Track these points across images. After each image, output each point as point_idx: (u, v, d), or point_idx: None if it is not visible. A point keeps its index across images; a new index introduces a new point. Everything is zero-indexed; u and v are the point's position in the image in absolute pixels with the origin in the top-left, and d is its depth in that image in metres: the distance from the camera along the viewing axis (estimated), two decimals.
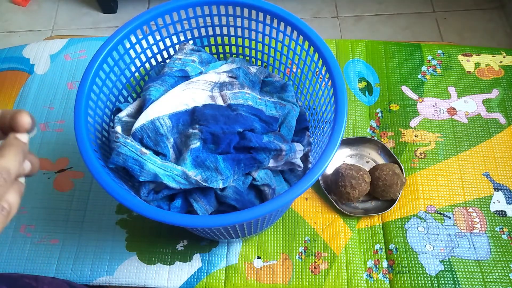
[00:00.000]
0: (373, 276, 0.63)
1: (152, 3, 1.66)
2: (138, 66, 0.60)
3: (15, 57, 0.85)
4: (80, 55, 0.84)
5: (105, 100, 0.54)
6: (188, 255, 0.65)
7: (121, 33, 0.52)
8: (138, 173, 0.47)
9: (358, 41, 0.84)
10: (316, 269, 0.64)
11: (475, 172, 0.71)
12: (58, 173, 0.72)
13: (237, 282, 0.63)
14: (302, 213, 0.68)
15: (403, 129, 0.75)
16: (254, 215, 0.41)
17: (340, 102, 0.47)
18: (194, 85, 0.55)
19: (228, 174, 0.49)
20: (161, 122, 0.50)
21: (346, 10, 1.62)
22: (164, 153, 0.51)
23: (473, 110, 0.77)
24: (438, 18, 1.58)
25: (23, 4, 1.68)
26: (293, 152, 0.52)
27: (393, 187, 0.65)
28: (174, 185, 0.48)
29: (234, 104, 0.53)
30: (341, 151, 0.73)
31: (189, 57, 0.59)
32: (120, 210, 0.69)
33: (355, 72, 0.81)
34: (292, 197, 0.42)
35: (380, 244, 0.66)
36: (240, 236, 0.61)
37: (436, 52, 0.83)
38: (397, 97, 0.78)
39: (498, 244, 0.65)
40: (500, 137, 0.74)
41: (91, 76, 0.50)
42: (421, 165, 0.72)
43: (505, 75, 0.80)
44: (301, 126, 0.60)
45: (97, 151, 0.48)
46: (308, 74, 0.58)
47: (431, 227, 0.67)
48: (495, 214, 0.68)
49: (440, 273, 0.63)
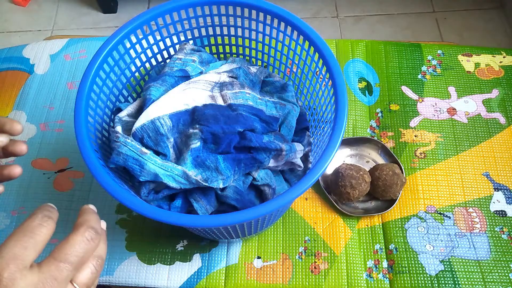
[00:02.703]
0: (373, 276, 0.63)
1: (152, 3, 1.66)
2: (138, 66, 0.60)
3: (15, 57, 0.85)
4: (80, 55, 0.84)
5: (105, 100, 0.54)
6: (188, 255, 0.65)
7: (121, 33, 0.52)
8: (138, 173, 0.47)
9: (358, 41, 0.84)
10: (316, 269, 0.64)
11: (475, 172, 0.71)
12: (58, 173, 0.72)
13: (237, 282, 0.63)
14: (302, 213, 0.68)
15: (403, 129, 0.75)
16: (254, 215, 0.41)
17: (341, 102, 0.47)
18: (194, 85, 0.55)
19: (229, 174, 0.49)
20: (162, 122, 0.50)
21: (346, 10, 1.62)
22: (164, 153, 0.51)
23: (473, 110, 0.77)
24: (438, 18, 1.58)
25: (23, 4, 1.68)
26: (293, 152, 0.52)
27: (393, 187, 0.65)
28: (175, 185, 0.48)
29: (235, 104, 0.53)
30: (341, 151, 0.73)
31: (189, 57, 0.59)
32: (120, 210, 0.69)
33: (355, 72, 0.81)
34: (292, 197, 0.42)
35: (380, 244, 0.66)
36: (240, 236, 0.61)
37: (436, 52, 0.83)
38: (397, 97, 0.78)
39: (498, 244, 0.65)
40: (500, 137, 0.74)
41: (91, 76, 0.50)
42: (421, 165, 0.72)
43: (505, 75, 0.80)
44: (301, 126, 0.60)
45: (97, 151, 0.48)
46: (308, 74, 0.58)
47: (431, 227, 0.67)
48: (495, 214, 0.68)
49: (440, 273, 0.63)
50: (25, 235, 0.26)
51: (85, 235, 0.28)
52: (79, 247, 0.28)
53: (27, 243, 0.26)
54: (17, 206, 0.70)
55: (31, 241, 0.26)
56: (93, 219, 0.30)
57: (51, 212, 0.29)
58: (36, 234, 0.26)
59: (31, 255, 0.26)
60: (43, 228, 0.27)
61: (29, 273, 0.25)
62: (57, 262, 0.26)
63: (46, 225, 0.27)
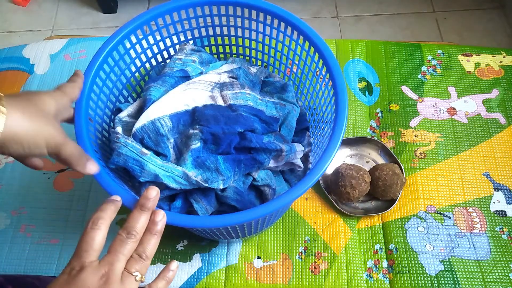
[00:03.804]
0: (373, 276, 0.63)
1: (152, 3, 1.66)
2: (138, 66, 0.60)
3: (15, 57, 0.85)
4: (80, 55, 0.84)
5: (105, 100, 0.54)
6: (188, 255, 0.65)
7: (121, 33, 0.52)
8: (138, 174, 0.47)
9: (358, 41, 0.84)
10: (316, 269, 0.64)
11: (475, 172, 0.71)
12: (58, 173, 0.72)
13: (237, 282, 0.63)
14: (302, 213, 0.68)
15: (403, 129, 0.75)
16: (254, 215, 0.41)
17: (341, 102, 0.47)
18: (194, 85, 0.55)
19: (229, 175, 0.49)
20: (162, 122, 0.50)
21: (346, 10, 1.62)
22: (164, 154, 0.51)
23: (473, 110, 0.77)
24: (438, 18, 1.58)
25: (23, 4, 1.68)
26: (293, 153, 0.52)
27: (393, 187, 0.65)
28: (175, 186, 0.48)
29: (235, 104, 0.53)
30: (341, 151, 0.73)
31: (189, 57, 0.59)
32: (120, 210, 0.69)
33: (355, 72, 0.81)
34: (292, 198, 0.42)
35: (380, 244, 0.66)
36: (240, 236, 0.61)
37: (436, 52, 0.83)
38: (397, 97, 0.78)
39: (498, 244, 0.65)
40: (500, 137, 0.74)
41: (91, 76, 0.50)
42: (421, 165, 0.72)
43: (505, 75, 0.81)
44: (302, 127, 0.60)
45: (98, 151, 0.48)
46: (309, 74, 0.58)
47: (431, 227, 0.67)
48: (495, 214, 0.68)
49: (440, 273, 0.63)
50: (83, 242, 0.35)
51: (123, 234, 0.37)
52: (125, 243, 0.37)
53: (87, 248, 0.35)
54: (17, 206, 0.70)
55: (88, 245, 0.35)
56: (132, 218, 0.39)
57: (104, 211, 0.37)
58: (90, 238, 0.35)
59: (92, 255, 0.35)
60: (96, 231, 0.35)
61: (93, 263, 0.34)
62: (111, 254, 0.36)
63: (97, 228, 0.36)
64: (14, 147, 0.34)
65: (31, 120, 0.35)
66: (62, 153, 0.38)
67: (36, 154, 0.36)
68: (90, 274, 0.33)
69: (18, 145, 0.34)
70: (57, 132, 0.37)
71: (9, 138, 0.33)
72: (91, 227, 0.35)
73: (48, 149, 0.36)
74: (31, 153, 0.36)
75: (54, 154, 0.38)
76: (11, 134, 0.33)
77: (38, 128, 0.35)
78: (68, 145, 0.38)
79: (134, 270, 0.36)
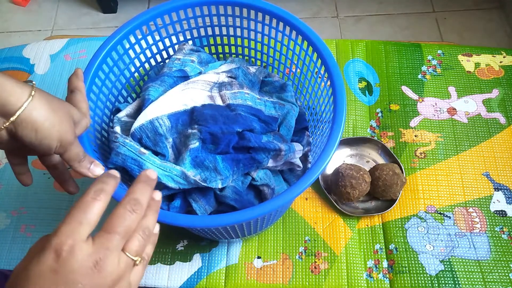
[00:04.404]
0: (373, 276, 0.63)
1: (152, 3, 1.66)
2: (137, 66, 0.60)
3: (15, 57, 0.85)
4: (80, 55, 0.84)
5: (104, 100, 0.54)
6: (188, 255, 0.65)
7: (120, 33, 0.52)
8: (137, 173, 0.47)
9: (358, 41, 0.84)
10: (316, 269, 0.64)
11: (475, 172, 0.71)
12: None
13: (237, 282, 0.63)
14: (302, 213, 0.68)
15: (403, 129, 0.75)
16: (253, 215, 0.41)
17: (339, 102, 0.47)
18: (193, 85, 0.55)
19: (227, 174, 0.49)
20: (160, 122, 0.50)
21: (346, 10, 1.62)
22: (163, 153, 0.51)
23: (473, 110, 0.77)
24: (438, 18, 1.58)
25: (23, 4, 1.68)
26: (292, 152, 0.52)
27: (393, 187, 0.65)
28: (173, 185, 0.47)
29: (233, 104, 0.53)
30: (341, 151, 0.72)
31: (188, 57, 0.59)
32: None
33: (355, 72, 0.81)
34: (291, 197, 0.42)
35: (380, 244, 0.66)
36: (240, 236, 0.61)
37: (436, 52, 0.83)
38: (397, 97, 0.78)
39: (498, 244, 0.65)
40: (500, 137, 0.74)
41: (91, 76, 0.50)
42: (421, 165, 0.72)
43: (505, 75, 0.80)
44: (301, 126, 0.60)
45: (97, 151, 0.48)
46: (308, 74, 0.58)
47: (431, 227, 0.67)
48: (495, 214, 0.68)
49: (440, 273, 0.63)
50: (79, 211, 0.29)
51: (127, 207, 0.31)
52: (123, 218, 0.30)
53: (82, 218, 0.28)
54: (17, 206, 0.70)
55: (85, 216, 0.29)
56: (137, 189, 0.33)
57: (105, 184, 0.31)
58: (89, 209, 0.29)
59: (86, 229, 0.28)
60: (96, 202, 0.30)
61: (85, 245, 0.28)
62: (106, 233, 0.29)
63: (99, 199, 0.30)
64: (28, 131, 0.35)
65: (54, 113, 0.36)
66: (68, 152, 0.39)
67: (44, 147, 0.37)
68: (81, 261, 0.27)
69: (33, 131, 0.35)
70: (71, 131, 0.38)
71: (28, 121, 0.34)
72: (92, 197, 0.29)
73: (57, 144, 0.37)
74: (40, 144, 0.36)
75: (61, 151, 0.38)
76: (31, 118, 0.34)
77: (57, 123, 0.36)
78: (76, 145, 0.40)
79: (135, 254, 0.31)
